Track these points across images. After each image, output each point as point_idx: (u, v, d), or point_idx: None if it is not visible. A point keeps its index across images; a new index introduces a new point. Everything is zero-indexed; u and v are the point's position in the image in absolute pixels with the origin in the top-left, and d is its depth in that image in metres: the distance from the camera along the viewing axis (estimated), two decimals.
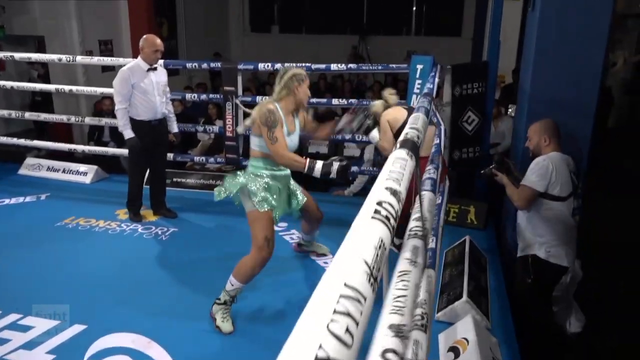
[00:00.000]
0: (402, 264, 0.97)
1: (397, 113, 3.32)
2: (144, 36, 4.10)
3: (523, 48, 4.02)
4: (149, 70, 4.04)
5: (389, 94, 3.41)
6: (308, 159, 2.73)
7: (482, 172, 3.28)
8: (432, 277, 1.50)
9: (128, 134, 4.04)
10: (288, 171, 2.91)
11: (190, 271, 3.43)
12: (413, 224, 1.17)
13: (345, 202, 4.44)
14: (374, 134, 3.41)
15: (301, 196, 3.06)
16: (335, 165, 2.68)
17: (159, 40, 4.06)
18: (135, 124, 4.05)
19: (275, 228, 4.14)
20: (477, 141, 4.61)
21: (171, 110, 4.39)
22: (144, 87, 4.02)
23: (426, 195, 1.41)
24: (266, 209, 2.74)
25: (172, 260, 3.59)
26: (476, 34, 9.87)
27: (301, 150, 5.04)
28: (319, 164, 2.70)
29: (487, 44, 5.52)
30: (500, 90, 7.36)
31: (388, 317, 0.79)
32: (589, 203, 3.30)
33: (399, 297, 0.86)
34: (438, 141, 2.73)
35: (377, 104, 3.41)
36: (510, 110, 5.79)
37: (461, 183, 5.11)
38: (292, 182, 3.03)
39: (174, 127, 4.42)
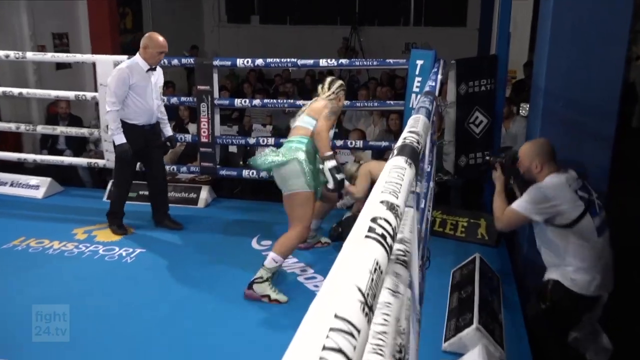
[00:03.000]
0: (383, 294, 0.96)
1: (379, 165, 3.89)
2: (149, 34, 4.15)
3: (536, 39, 4.07)
4: (148, 70, 4.11)
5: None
6: (330, 153, 3.34)
7: (488, 158, 3.36)
8: (416, 302, 1.50)
9: (119, 139, 4.08)
10: None
11: (156, 301, 3.38)
12: (395, 246, 1.17)
13: (336, 216, 4.43)
14: (349, 166, 4.21)
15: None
16: (338, 176, 3.33)
17: (164, 40, 4.12)
18: (126, 127, 4.09)
19: (259, 247, 4.18)
20: (485, 145, 4.64)
21: (164, 113, 4.48)
22: (142, 89, 4.09)
23: (409, 212, 1.40)
24: (313, 190, 3.35)
25: (138, 287, 3.55)
26: (483, 24, 9.98)
27: None
28: (330, 165, 3.31)
29: (496, 35, 5.58)
30: (512, 87, 7.44)
31: (367, 357, 0.77)
32: (613, 209, 3.32)
33: (379, 333, 0.86)
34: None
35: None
36: (522, 109, 5.84)
37: (469, 193, 5.14)
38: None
39: (168, 131, 4.52)
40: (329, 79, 3.74)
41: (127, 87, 4.02)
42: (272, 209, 5.05)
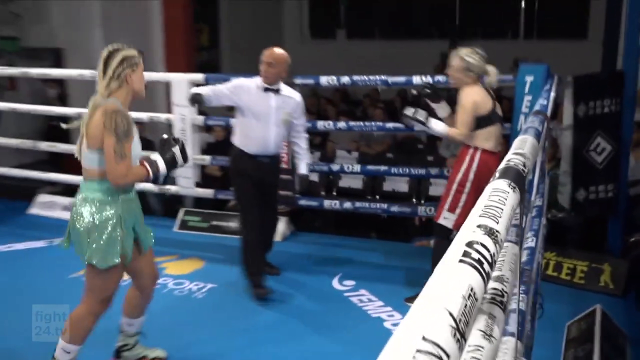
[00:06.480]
0: (473, 337, 0.97)
1: (484, 96, 3.71)
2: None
3: None
4: (267, 90, 4.20)
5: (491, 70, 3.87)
6: (146, 162, 2.78)
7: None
8: (519, 353, 1.46)
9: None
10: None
11: (224, 341, 3.47)
12: (491, 284, 1.17)
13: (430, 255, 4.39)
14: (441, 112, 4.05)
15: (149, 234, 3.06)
16: (174, 149, 2.84)
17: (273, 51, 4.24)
18: (237, 153, 4.11)
19: (340, 287, 4.20)
20: (610, 177, 4.48)
21: (301, 146, 4.46)
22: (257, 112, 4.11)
23: (510, 249, 1.39)
24: (118, 262, 2.71)
25: (202, 325, 3.67)
26: (608, 35, 9.65)
27: None
28: (160, 160, 2.81)
29: (623, 47, 5.41)
30: None
31: None
32: None
33: None
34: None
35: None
36: None
37: (589, 232, 4.95)
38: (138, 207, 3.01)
39: (302, 168, 4.44)
40: (104, 53, 2.71)
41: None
42: (356, 245, 5.10)
